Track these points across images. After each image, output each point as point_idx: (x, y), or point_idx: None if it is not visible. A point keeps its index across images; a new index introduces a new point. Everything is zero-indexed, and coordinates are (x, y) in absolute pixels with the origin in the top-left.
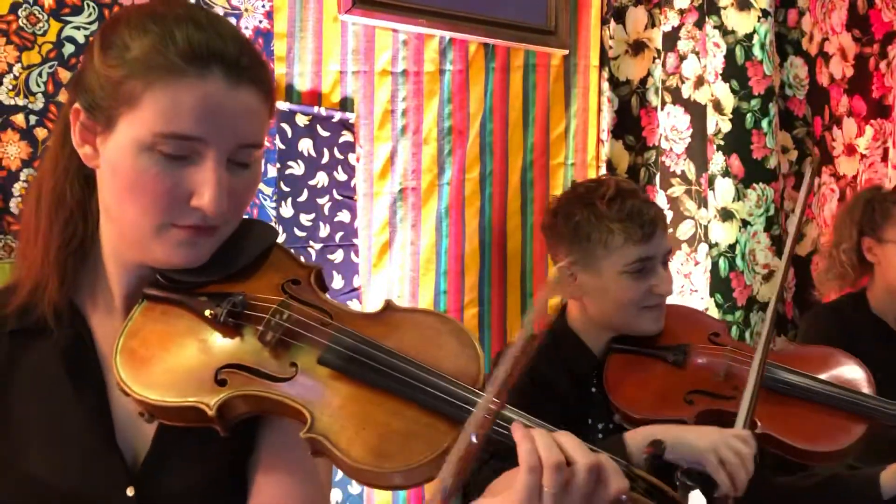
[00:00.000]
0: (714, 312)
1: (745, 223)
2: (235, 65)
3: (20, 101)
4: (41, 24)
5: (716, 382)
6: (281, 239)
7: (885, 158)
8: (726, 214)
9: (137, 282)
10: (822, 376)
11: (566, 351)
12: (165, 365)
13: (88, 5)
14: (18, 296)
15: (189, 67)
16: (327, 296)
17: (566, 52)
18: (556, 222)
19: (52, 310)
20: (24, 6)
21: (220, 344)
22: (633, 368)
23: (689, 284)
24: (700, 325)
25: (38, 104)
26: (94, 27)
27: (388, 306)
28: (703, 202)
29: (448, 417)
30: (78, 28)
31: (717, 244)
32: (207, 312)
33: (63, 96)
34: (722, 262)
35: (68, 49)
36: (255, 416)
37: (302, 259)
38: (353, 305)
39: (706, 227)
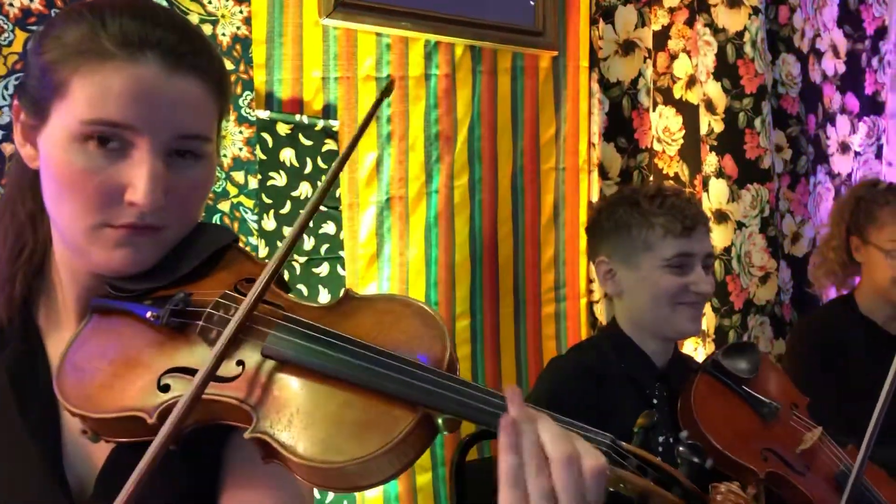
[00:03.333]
0: (711, 317)
1: (740, 225)
2: (172, 51)
3: None
4: (6, 35)
5: (793, 453)
6: (263, 253)
7: (878, 155)
8: (721, 216)
9: (88, 293)
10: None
11: (629, 359)
12: (107, 376)
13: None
14: None
15: (120, 52)
16: (288, 294)
17: (555, 53)
18: (599, 219)
19: None
20: None
21: (165, 348)
22: (723, 398)
23: None
24: (787, 391)
25: (5, 118)
26: None
27: (347, 295)
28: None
29: (405, 401)
30: None
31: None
32: (149, 315)
33: None
34: (718, 266)
35: None
36: (219, 434)
37: (261, 259)
38: None
39: None
